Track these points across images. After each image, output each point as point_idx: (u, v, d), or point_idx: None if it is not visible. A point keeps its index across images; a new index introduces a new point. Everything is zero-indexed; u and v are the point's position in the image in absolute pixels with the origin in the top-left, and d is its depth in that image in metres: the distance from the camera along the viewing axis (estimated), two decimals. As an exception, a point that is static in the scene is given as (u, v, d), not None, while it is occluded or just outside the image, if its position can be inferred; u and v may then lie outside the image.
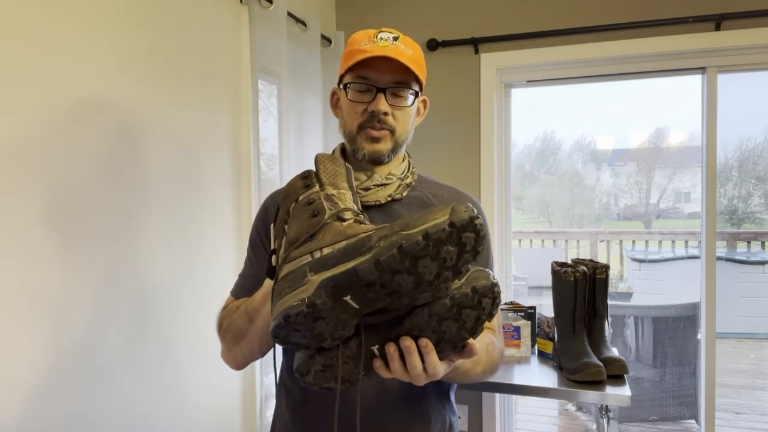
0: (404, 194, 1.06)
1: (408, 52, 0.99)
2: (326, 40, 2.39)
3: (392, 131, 1.01)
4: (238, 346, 1.00)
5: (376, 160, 1.02)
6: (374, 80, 0.98)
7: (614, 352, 1.91)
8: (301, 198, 0.81)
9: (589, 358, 1.80)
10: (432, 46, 2.47)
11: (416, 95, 1.02)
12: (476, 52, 2.44)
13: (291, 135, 2.09)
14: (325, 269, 0.69)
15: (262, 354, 1.02)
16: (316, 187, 0.82)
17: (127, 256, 1.38)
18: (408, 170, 1.10)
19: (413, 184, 1.10)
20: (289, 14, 2.05)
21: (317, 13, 2.44)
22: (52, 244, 1.18)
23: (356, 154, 1.02)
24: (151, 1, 1.46)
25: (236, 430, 1.83)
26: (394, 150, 1.03)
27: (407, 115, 1.03)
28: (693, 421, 3.22)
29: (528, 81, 2.48)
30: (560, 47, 2.33)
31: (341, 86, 1.03)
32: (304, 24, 2.19)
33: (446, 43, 2.46)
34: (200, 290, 1.66)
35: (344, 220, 0.76)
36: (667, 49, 2.22)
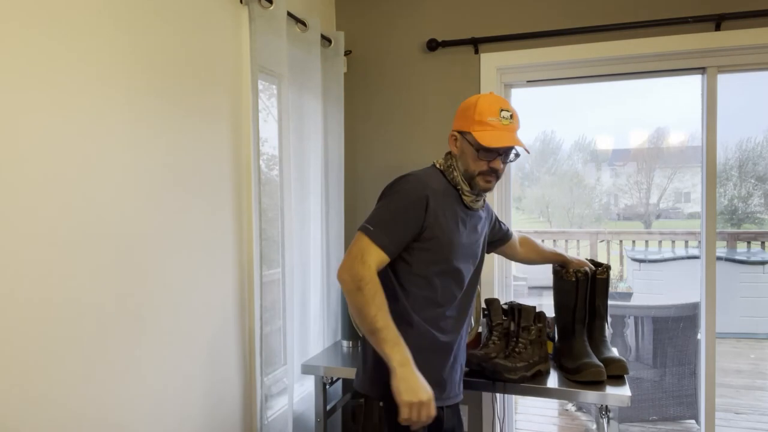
0: (483, 205, 1.65)
1: (516, 125, 1.52)
2: (326, 40, 2.39)
3: (498, 177, 1.53)
4: (355, 308, 1.36)
5: (485, 193, 1.58)
6: (499, 151, 1.49)
7: (614, 352, 1.90)
8: None
9: (590, 358, 1.79)
10: (432, 46, 2.47)
11: (518, 155, 1.58)
12: (476, 52, 2.44)
13: (291, 135, 2.08)
14: None
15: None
16: None
17: (127, 255, 1.38)
18: None
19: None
20: (289, 14, 2.05)
21: (317, 13, 2.44)
22: (52, 244, 1.18)
23: (473, 189, 1.53)
24: (151, 2, 1.46)
25: (236, 430, 1.83)
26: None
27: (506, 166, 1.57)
28: (693, 421, 3.22)
29: (528, 81, 2.48)
30: (560, 47, 2.33)
31: (469, 142, 1.50)
32: (304, 24, 2.19)
33: (446, 43, 2.46)
34: (201, 289, 1.66)
35: None
36: (667, 49, 2.22)
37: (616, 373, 1.79)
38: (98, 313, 1.30)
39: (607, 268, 1.96)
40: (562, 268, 1.95)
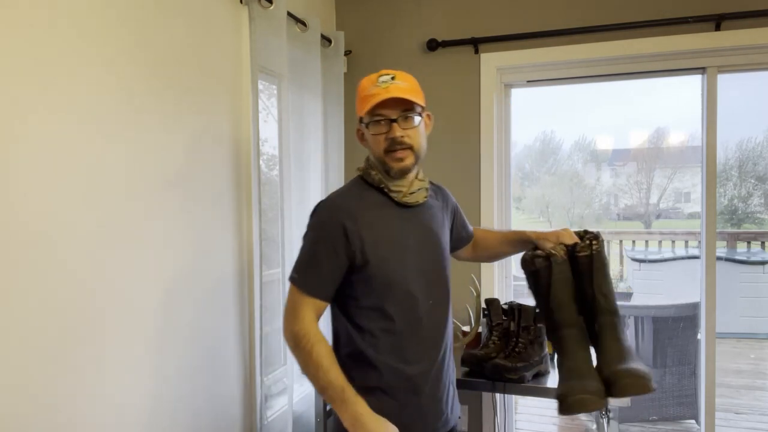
0: (429, 193, 1.40)
1: (405, 85, 1.28)
2: (326, 40, 2.39)
3: (411, 147, 1.29)
4: (299, 366, 1.27)
5: (405, 173, 1.32)
6: (386, 115, 1.28)
7: (637, 362, 1.28)
8: None
9: (578, 379, 1.28)
10: (432, 46, 2.47)
11: (420, 115, 1.31)
12: (476, 52, 2.44)
13: (291, 135, 2.08)
14: None
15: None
16: None
17: (127, 255, 1.38)
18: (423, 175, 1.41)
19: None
20: (289, 14, 2.04)
21: (317, 13, 2.44)
22: (52, 244, 1.18)
23: (390, 173, 1.31)
24: (152, 1, 1.46)
25: (236, 430, 1.83)
26: (417, 161, 1.33)
27: (418, 132, 1.31)
28: (693, 421, 3.22)
29: (528, 81, 2.48)
30: (560, 47, 2.33)
31: (363, 124, 1.32)
32: (304, 24, 2.19)
33: (446, 43, 2.46)
34: (201, 290, 1.66)
35: None
36: (667, 49, 2.22)
37: (629, 393, 1.23)
38: (97, 314, 1.30)
39: (592, 238, 1.38)
40: (533, 251, 1.43)
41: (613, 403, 1.69)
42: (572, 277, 1.38)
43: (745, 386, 4.13)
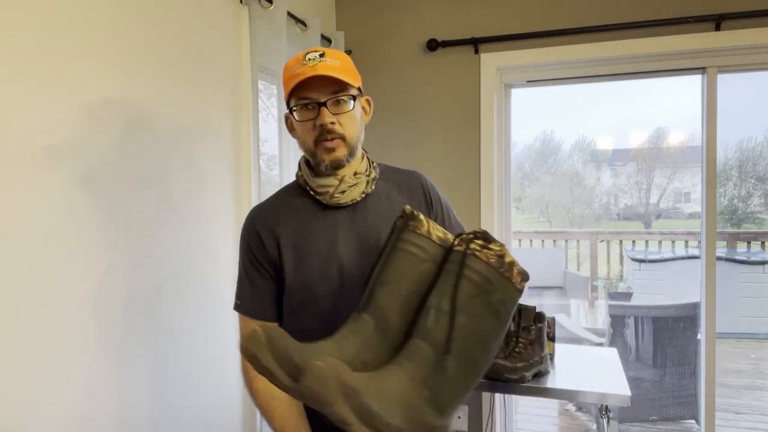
0: (372, 188, 1.18)
1: (335, 63, 1.08)
2: (326, 40, 2.39)
3: (343, 137, 1.10)
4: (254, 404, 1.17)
5: (338, 166, 1.12)
6: (314, 98, 1.08)
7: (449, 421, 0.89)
8: None
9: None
10: (432, 46, 2.47)
11: (355, 98, 1.12)
12: (476, 52, 2.44)
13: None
14: None
15: None
16: None
17: (127, 255, 1.38)
18: (370, 166, 1.20)
19: (377, 177, 1.21)
20: (289, 14, 2.05)
21: (317, 13, 2.44)
22: (51, 244, 1.18)
23: (320, 167, 1.12)
24: (151, 1, 1.46)
25: (236, 430, 1.83)
26: (351, 153, 1.13)
27: (352, 118, 1.12)
28: (693, 421, 3.22)
29: (528, 81, 2.48)
30: (560, 47, 2.33)
31: (288, 110, 1.14)
32: (304, 24, 2.19)
33: (446, 43, 2.46)
34: (200, 291, 1.66)
35: None
36: (667, 49, 2.22)
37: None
38: (97, 313, 1.30)
39: (482, 239, 0.90)
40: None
41: (613, 402, 1.69)
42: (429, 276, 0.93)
43: (745, 386, 4.13)
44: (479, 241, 0.89)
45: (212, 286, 1.71)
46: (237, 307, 1.20)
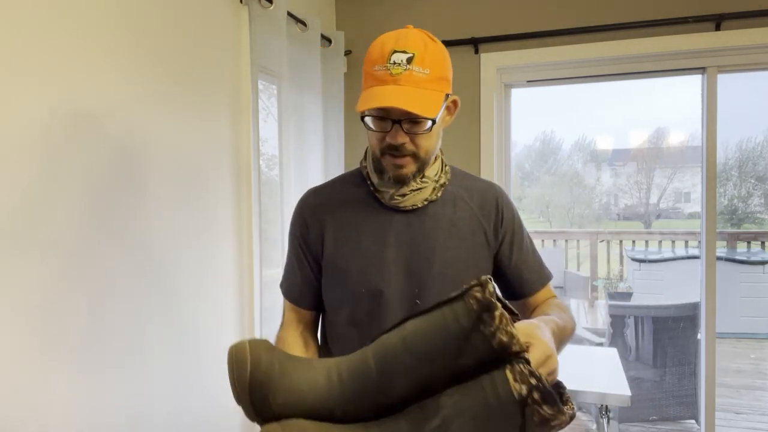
0: (439, 195, 1.07)
1: (422, 74, 0.94)
2: (326, 40, 2.39)
3: (414, 155, 1.00)
4: None
5: (402, 182, 1.03)
6: (389, 112, 0.96)
7: None
8: None
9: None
10: (432, 46, 2.47)
11: (434, 122, 0.97)
12: (476, 52, 2.44)
13: (291, 135, 2.08)
14: None
15: None
16: None
17: (127, 256, 1.38)
18: (441, 170, 1.10)
19: (446, 183, 1.10)
20: (289, 14, 2.04)
21: (317, 13, 2.44)
22: (55, 246, 1.18)
23: (384, 175, 1.05)
24: (151, 1, 1.46)
25: (236, 430, 1.83)
26: (420, 169, 1.03)
27: (428, 137, 1.00)
28: (693, 421, 3.22)
29: (528, 81, 2.48)
30: (560, 47, 2.33)
31: (361, 117, 1.01)
32: (304, 24, 2.19)
33: (446, 43, 2.43)
34: (200, 289, 1.66)
35: None
36: (667, 49, 2.22)
37: None
38: (100, 312, 1.30)
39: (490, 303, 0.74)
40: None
41: (613, 402, 1.69)
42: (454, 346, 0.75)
43: (745, 386, 4.13)
44: (547, 408, 0.70)
45: (213, 285, 1.71)
46: (280, 285, 1.19)
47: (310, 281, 1.12)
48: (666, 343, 3.18)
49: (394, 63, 0.93)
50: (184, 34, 1.59)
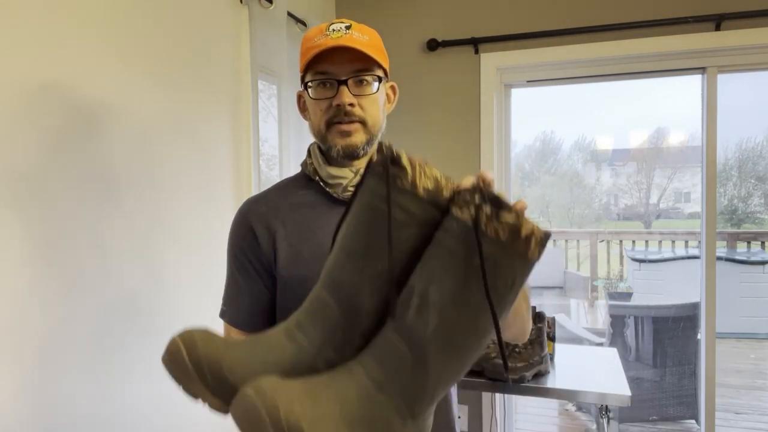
0: None
1: (364, 38, 0.94)
2: (326, 40, 2.38)
3: (363, 122, 0.95)
4: None
5: (352, 154, 0.96)
6: (333, 73, 0.93)
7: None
8: None
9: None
10: (432, 46, 2.47)
11: (380, 80, 0.97)
12: (476, 52, 2.44)
13: (291, 135, 2.08)
14: None
15: None
16: None
17: (127, 256, 1.38)
18: None
19: None
20: (289, 14, 2.05)
21: (317, 13, 2.44)
22: (54, 245, 1.18)
23: (331, 152, 0.97)
24: (151, 1, 1.46)
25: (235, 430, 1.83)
26: (370, 142, 0.97)
27: (375, 102, 0.97)
28: (693, 421, 3.22)
29: (528, 81, 2.48)
30: (560, 47, 2.33)
31: (303, 86, 0.99)
32: (304, 24, 2.19)
33: (446, 43, 2.46)
34: (199, 290, 1.66)
35: None
36: (667, 49, 2.22)
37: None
38: (98, 313, 1.30)
39: (492, 201, 0.63)
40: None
41: (613, 402, 1.69)
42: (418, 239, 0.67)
43: (745, 386, 4.13)
44: (487, 208, 0.62)
45: (213, 285, 1.71)
46: (222, 314, 1.03)
47: (262, 299, 1.00)
48: (666, 343, 3.18)
49: (333, 30, 0.93)
50: (184, 34, 1.59)
